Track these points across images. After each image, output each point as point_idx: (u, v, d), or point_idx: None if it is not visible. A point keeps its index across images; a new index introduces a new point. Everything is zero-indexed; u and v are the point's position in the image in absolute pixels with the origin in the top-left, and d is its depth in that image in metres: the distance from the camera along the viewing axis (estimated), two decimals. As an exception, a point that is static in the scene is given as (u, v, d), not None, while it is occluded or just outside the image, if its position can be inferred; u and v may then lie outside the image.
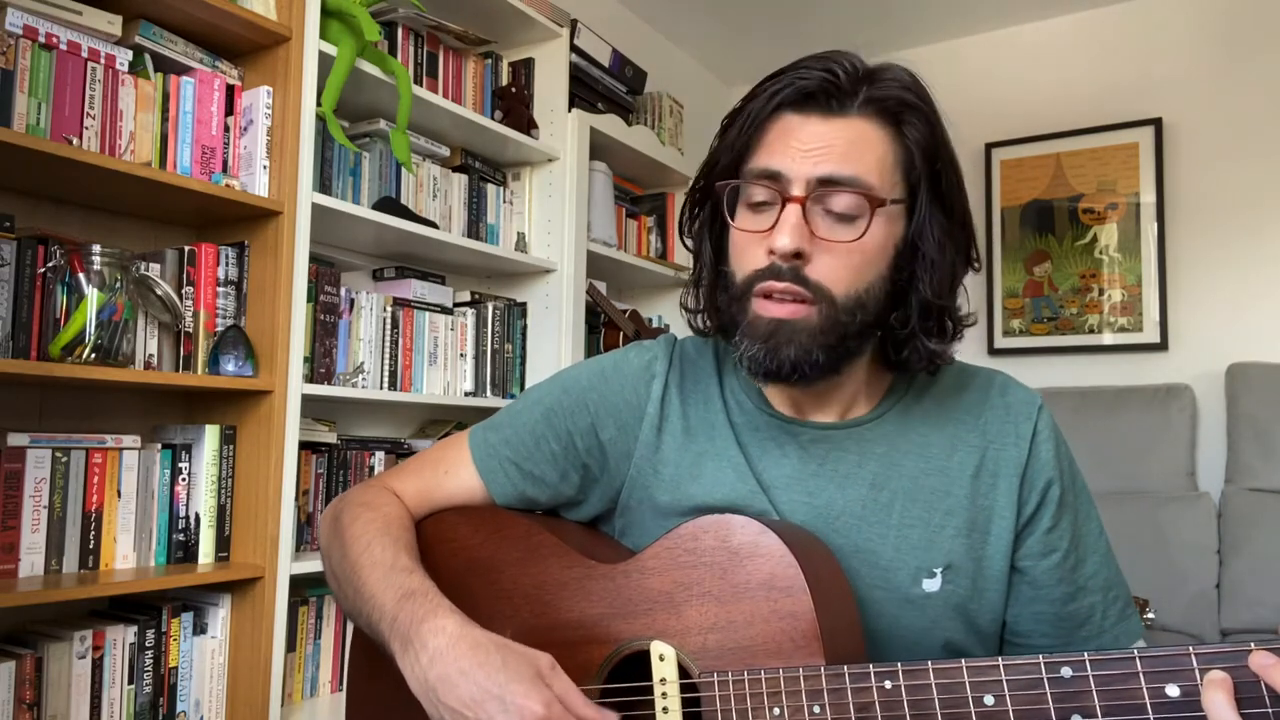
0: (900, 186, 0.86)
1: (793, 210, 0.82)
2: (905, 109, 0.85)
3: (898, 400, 0.94)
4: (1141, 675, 0.65)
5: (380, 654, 0.85)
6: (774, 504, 0.90)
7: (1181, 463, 2.98)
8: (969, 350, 3.54)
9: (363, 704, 1.00)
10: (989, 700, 0.69)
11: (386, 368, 2.19)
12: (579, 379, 1.00)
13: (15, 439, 1.55)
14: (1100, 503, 3.09)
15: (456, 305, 2.44)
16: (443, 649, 0.78)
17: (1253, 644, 0.62)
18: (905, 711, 0.72)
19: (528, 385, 2.55)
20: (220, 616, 1.77)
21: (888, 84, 0.85)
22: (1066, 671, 0.67)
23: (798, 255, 0.82)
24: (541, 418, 0.99)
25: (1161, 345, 3.24)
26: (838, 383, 0.91)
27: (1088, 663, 0.66)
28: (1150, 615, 2.36)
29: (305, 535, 2.00)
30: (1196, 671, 0.63)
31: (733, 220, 0.88)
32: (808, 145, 0.83)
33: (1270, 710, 0.61)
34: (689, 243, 0.98)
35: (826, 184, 0.82)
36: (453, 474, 1.01)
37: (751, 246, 0.86)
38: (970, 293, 0.92)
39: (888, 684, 0.72)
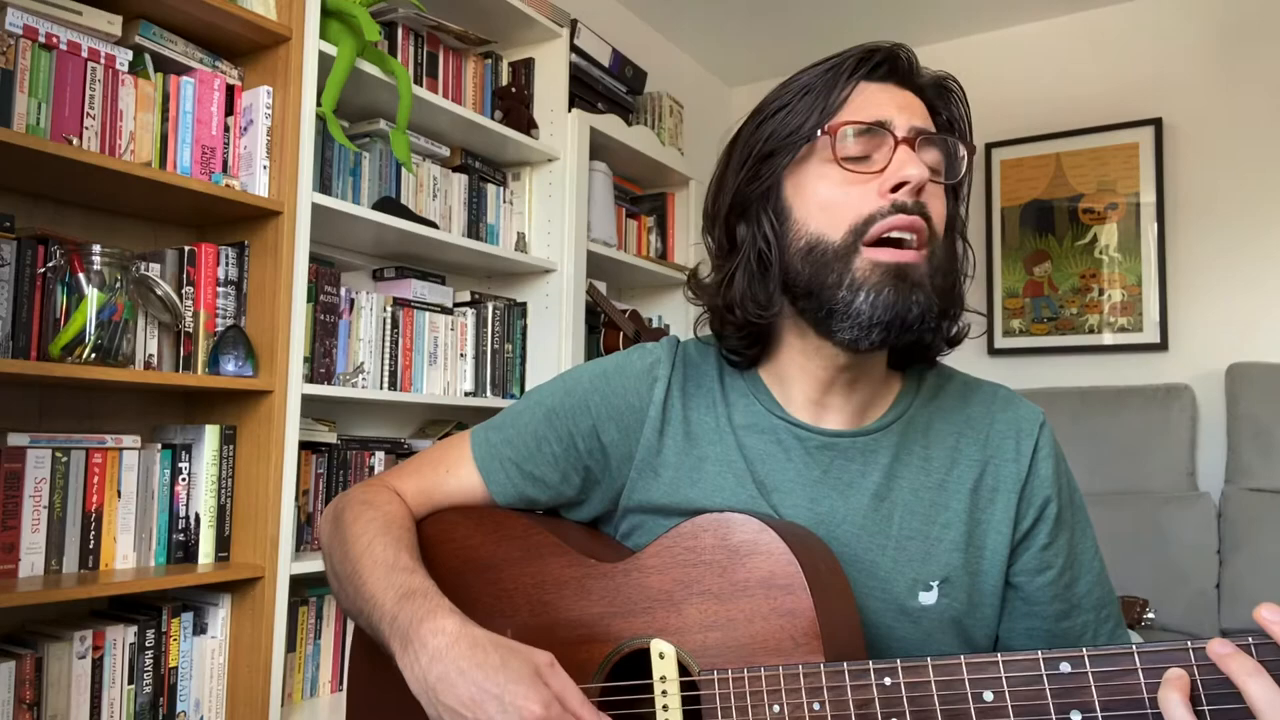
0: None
1: (905, 149, 0.83)
2: (960, 104, 0.90)
3: (904, 411, 0.94)
4: (1140, 671, 0.65)
5: (381, 654, 0.85)
6: (774, 509, 0.90)
7: (1181, 463, 2.98)
8: (969, 351, 3.54)
9: (364, 704, 1.00)
10: (988, 696, 0.69)
11: (386, 368, 2.19)
12: (581, 380, 1.00)
13: (15, 439, 1.55)
14: (1100, 503, 3.08)
15: (456, 305, 2.44)
16: (442, 649, 0.77)
17: (1250, 638, 0.62)
18: (905, 708, 0.72)
19: (528, 385, 2.55)
20: (220, 616, 1.77)
21: (946, 78, 0.91)
22: (1065, 667, 0.67)
23: (919, 191, 0.83)
24: (543, 419, 0.99)
25: (1161, 345, 3.24)
26: (869, 368, 0.92)
27: (1086, 659, 0.67)
28: (1150, 615, 2.36)
29: (305, 535, 2.00)
30: (1195, 667, 0.63)
31: (811, 178, 0.86)
32: (900, 101, 0.86)
33: (1238, 708, 0.61)
34: (711, 239, 0.94)
35: (926, 137, 0.85)
36: (454, 474, 1.01)
37: (853, 194, 0.83)
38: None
39: (887, 680, 0.72)
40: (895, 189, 0.82)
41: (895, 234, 0.82)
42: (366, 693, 1.00)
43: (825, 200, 0.85)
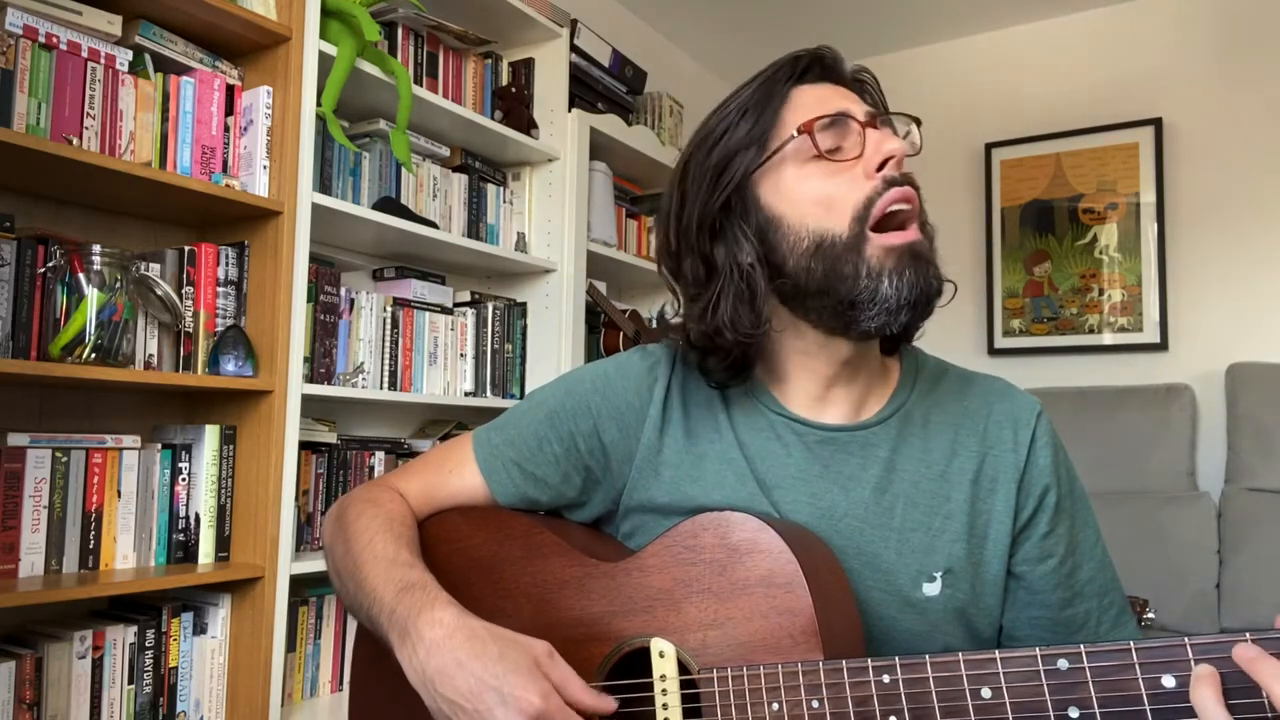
0: None
1: (873, 130, 0.86)
2: (877, 89, 0.94)
3: (901, 404, 0.94)
4: (1137, 666, 0.65)
5: (383, 650, 0.86)
6: (775, 505, 0.90)
7: (1181, 463, 2.98)
8: (969, 350, 3.54)
9: (365, 701, 1.01)
10: (986, 693, 0.69)
11: (386, 368, 2.19)
12: (582, 381, 1.00)
13: (15, 439, 1.55)
14: (1100, 503, 3.09)
15: (456, 305, 2.44)
16: (440, 640, 0.78)
17: (1248, 634, 0.62)
18: (903, 705, 0.72)
19: (528, 385, 2.55)
20: (220, 616, 1.77)
21: (861, 70, 0.94)
22: (1063, 664, 0.67)
23: (899, 164, 0.86)
24: (544, 419, 0.99)
25: (1161, 345, 3.24)
26: (867, 356, 0.93)
27: (1084, 655, 0.67)
28: (1150, 615, 2.36)
29: (305, 535, 2.00)
30: (1192, 662, 0.63)
31: (794, 181, 0.87)
32: (841, 94, 0.89)
33: (1263, 701, 0.61)
34: (679, 273, 0.92)
35: (884, 118, 0.89)
36: (456, 474, 1.01)
37: (842, 182, 0.85)
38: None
39: (885, 678, 0.73)
40: (880, 167, 0.84)
41: (895, 208, 0.84)
42: (369, 690, 1.00)
43: (819, 196, 0.85)
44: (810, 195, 0.86)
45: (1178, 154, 3.28)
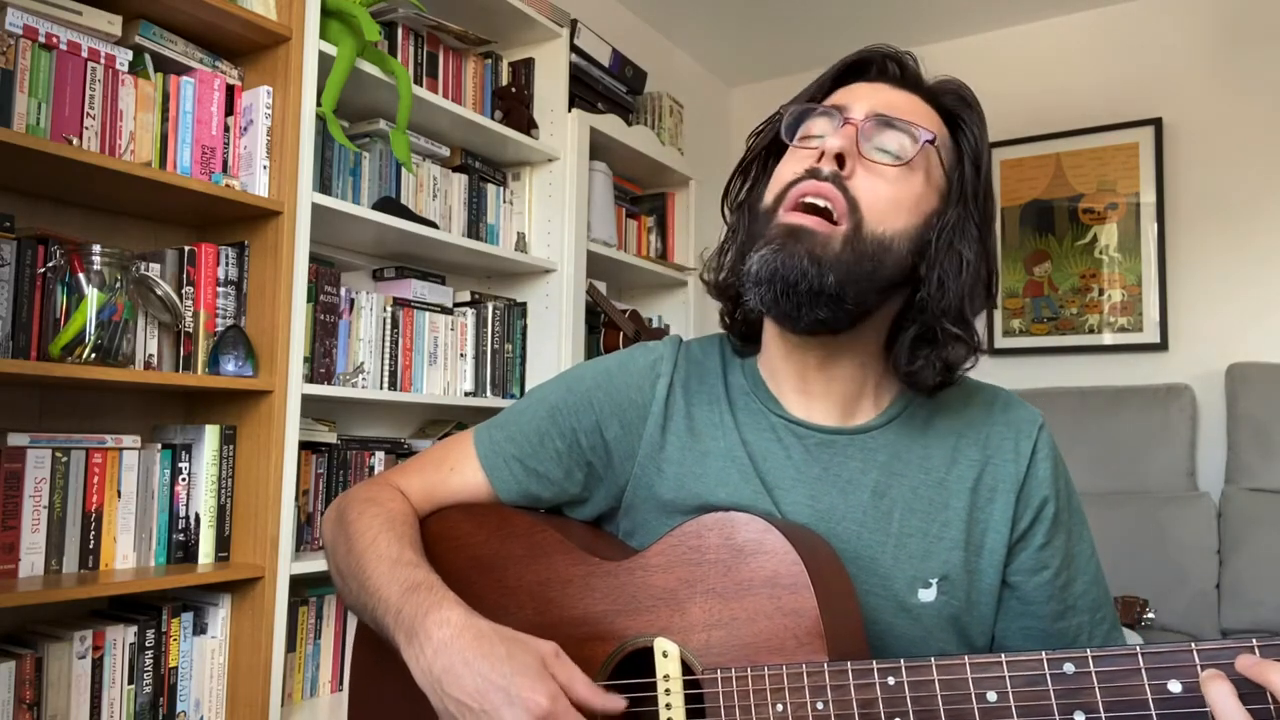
0: (942, 172, 0.89)
1: (847, 128, 0.85)
2: (965, 108, 0.91)
3: (902, 410, 0.94)
4: (1144, 671, 0.65)
5: (385, 649, 0.85)
6: (777, 505, 0.90)
7: (1181, 463, 2.98)
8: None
9: (366, 701, 1.00)
10: (992, 697, 0.69)
11: (386, 368, 2.19)
12: (584, 378, 1.00)
13: (15, 439, 1.55)
14: (1100, 503, 3.07)
15: (456, 305, 2.44)
16: (447, 640, 0.77)
17: (1254, 640, 0.62)
18: (909, 708, 0.71)
19: (528, 385, 2.55)
20: (220, 616, 1.77)
21: (950, 82, 0.92)
22: (1069, 668, 0.67)
23: (841, 162, 0.84)
24: (546, 416, 0.99)
25: (1161, 345, 3.24)
26: (842, 360, 0.91)
27: (1090, 659, 0.66)
28: (1150, 615, 2.36)
29: (305, 535, 2.00)
30: (1199, 668, 0.63)
31: (780, 163, 0.91)
32: (874, 96, 0.89)
33: (1270, 708, 0.61)
34: (728, 211, 0.99)
35: (883, 120, 0.86)
36: (457, 471, 1.01)
37: (793, 164, 0.87)
38: (994, 275, 0.93)
39: (891, 680, 0.72)
40: (820, 159, 0.85)
41: (808, 199, 0.84)
42: (369, 689, 1.00)
43: (776, 174, 0.90)
44: (775, 174, 0.90)
45: (1178, 154, 3.28)
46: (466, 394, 2.39)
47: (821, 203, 0.83)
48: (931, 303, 0.87)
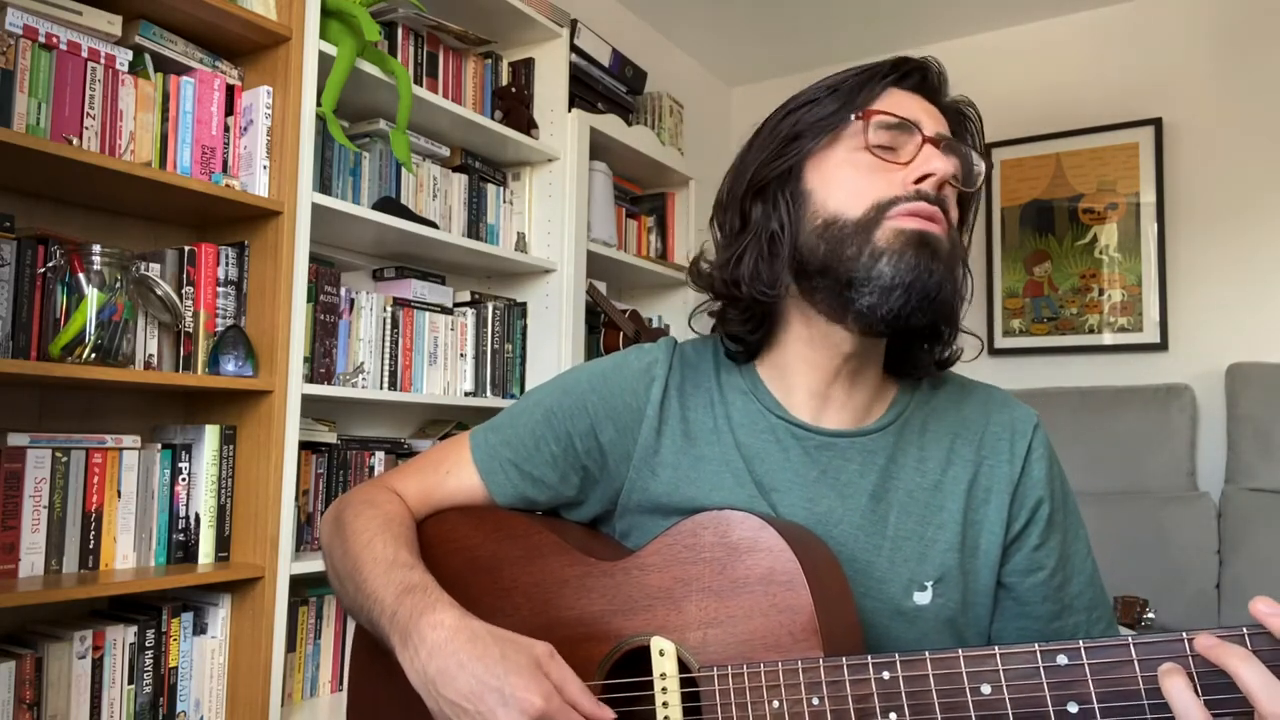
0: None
1: (931, 147, 0.85)
2: (975, 130, 0.93)
3: (901, 412, 0.94)
4: (1136, 663, 0.65)
5: (382, 652, 0.86)
6: (773, 508, 0.91)
7: (1181, 463, 2.98)
8: (968, 350, 3.53)
9: (364, 702, 1.00)
10: (986, 689, 0.69)
11: (386, 368, 2.19)
12: (579, 381, 1.00)
13: (15, 439, 1.55)
14: (1100, 503, 3.07)
15: (456, 305, 2.44)
16: (441, 642, 0.78)
17: (1244, 629, 0.62)
18: (903, 702, 0.72)
19: (528, 385, 2.55)
20: (220, 616, 1.77)
21: (962, 101, 0.93)
22: (1062, 660, 0.67)
23: (941, 187, 0.85)
24: (541, 419, 0.99)
25: (1161, 345, 3.24)
26: (869, 366, 0.92)
27: (1083, 650, 0.67)
28: (1150, 615, 2.36)
29: (305, 535, 2.00)
30: (1190, 659, 0.63)
31: (836, 164, 0.88)
32: (927, 109, 0.89)
33: (1239, 695, 0.62)
34: (721, 224, 0.96)
35: (950, 147, 0.87)
36: (454, 474, 1.01)
37: (878, 179, 0.85)
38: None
39: (886, 674, 0.73)
40: (920, 180, 0.84)
41: (920, 218, 0.84)
42: (367, 690, 1.00)
43: (849, 183, 0.86)
44: (842, 180, 0.87)
45: (1178, 154, 3.28)
46: (466, 394, 2.40)
47: (933, 225, 0.84)
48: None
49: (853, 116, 0.86)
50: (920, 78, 0.90)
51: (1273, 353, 3.03)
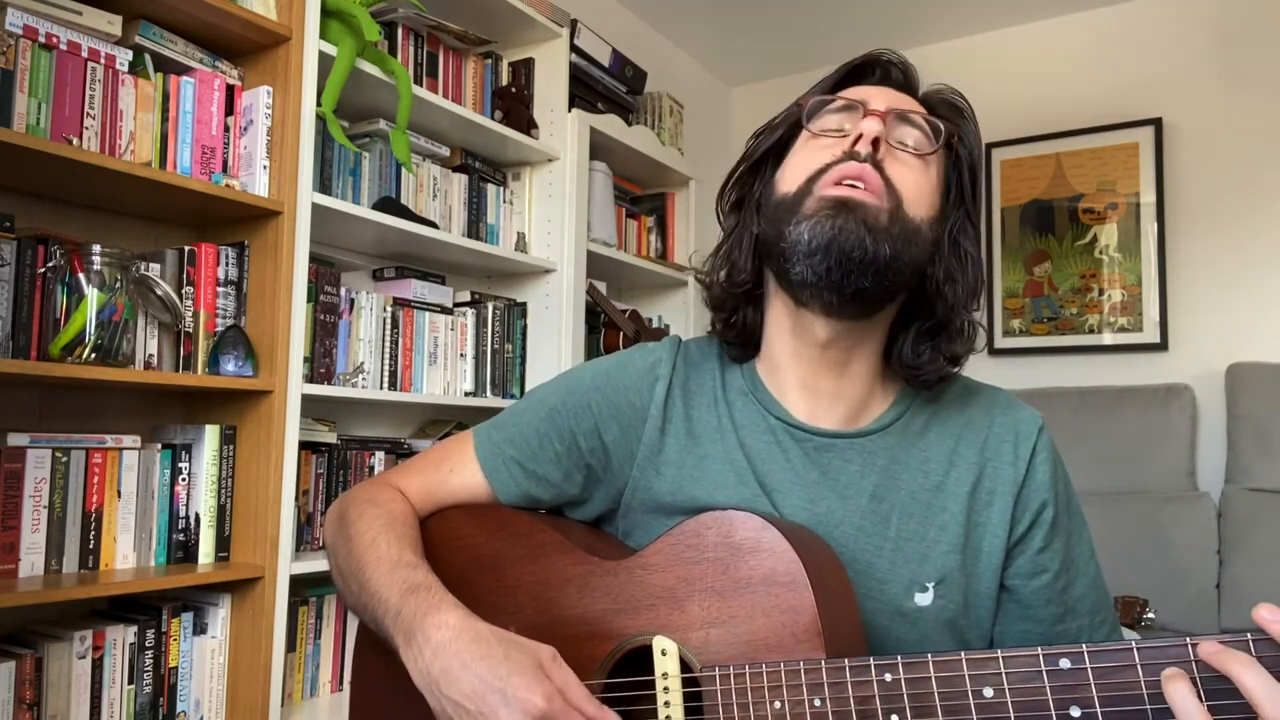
0: (942, 176, 0.92)
1: (874, 117, 0.86)
2: (959, 115, 0.93)
3: (902, 412, 0.94)
4: (1139, 667, 0.65)
5: (385, 650, 0.86)
6: (776, 508, 0.91)
7: (1181, 463, 2.98)
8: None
9: (367, 701, 1.00)
10: (988, 692, 0.69)
11: (386, 368, 2.19)
12: (583, 379, 1.00)
13: (15, 439, 1.55)
14: (1100, 503, 3.07)
15: (456, 305, 2.44)
16: (445, 642, 0.78)
17: (1249, 634, 0.62)
18: (905, 704, 0.72)
19: (528, 385, 2.55)
20: (220, 616, 1.77)
21: (944, 90, 0.95)
22: (1065, 663, 0.67)
23: (875, 147, 0.85)
24: (545, 417, 0.99)
25: (1161, 345, 3.24)
26: (855, 359, 0.92)
27: (1086, 655, 0.67)
28: (1150, 615, 2.36)
29: (305, 535, 2.00)
30: (1194, 663, 0.63)
31: (793, 154, 0.92)
32: (887, 95, 0.91)
33: (1232, 701, 0.62)
34: (722, 215, 0.99)
35: (902, 116, 0.89)
36: (457, 472, 1.01)
37: (817, 153, 0.88)
38: (974, 279, 0.93)
39: (888, 676, 0.73)
40: (855, 145, 0.86)
41: (847, 181, 0.85)
42: (370, 689, 1.00)
43: (797, 164, 0.90)
44: (794, 164, 0.90)
45: (1178, 154, 3.28)
46: (466, 394, 2.39)
47: (861, 184, 0.84)
48: (943, 297, 0.89)
49: (796, 105, 0.91)
50: (882, 71, 0.94)
51: (1273, 353, 3.03)
